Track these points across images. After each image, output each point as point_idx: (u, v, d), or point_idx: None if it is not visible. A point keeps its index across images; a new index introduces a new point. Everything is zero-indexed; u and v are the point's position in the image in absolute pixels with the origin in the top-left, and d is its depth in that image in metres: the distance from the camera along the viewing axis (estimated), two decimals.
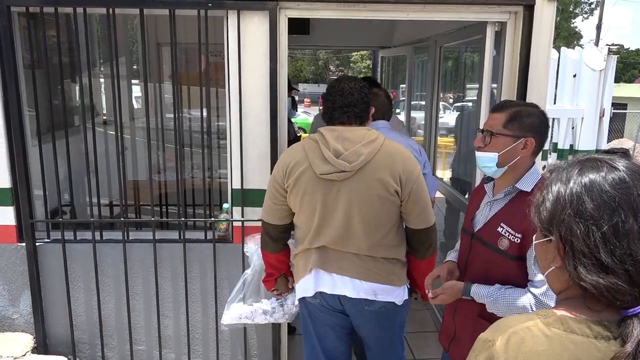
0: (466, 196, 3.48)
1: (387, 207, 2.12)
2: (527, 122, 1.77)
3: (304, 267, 2.25)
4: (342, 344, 2.37)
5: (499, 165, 1.79)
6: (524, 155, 1.78)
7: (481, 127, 1.90)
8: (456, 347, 1.96)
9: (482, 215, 1.89)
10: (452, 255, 2.11)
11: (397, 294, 2.22)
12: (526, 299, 1.70)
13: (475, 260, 1.88)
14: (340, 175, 2.07)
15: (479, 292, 1.79)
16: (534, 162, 1.85)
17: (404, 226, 2.26)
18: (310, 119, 12.14)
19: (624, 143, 13.01)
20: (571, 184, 0.89)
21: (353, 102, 2.15)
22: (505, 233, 1.76)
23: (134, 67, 4.67)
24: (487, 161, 1.80)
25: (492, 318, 1.67)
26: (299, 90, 5.84)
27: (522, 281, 1.75)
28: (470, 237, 1.91)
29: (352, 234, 2.13)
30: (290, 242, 2.45)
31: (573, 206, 0.87)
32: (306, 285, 2.26)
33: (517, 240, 1.73)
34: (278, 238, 2.34)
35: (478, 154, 1.83)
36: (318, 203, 2.13)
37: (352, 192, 2.09)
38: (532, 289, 1.71)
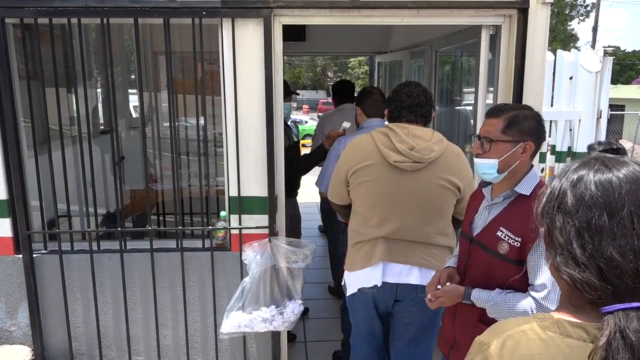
0: None
1: (449, 199, 2.35)
2: (525, 126, 1.76)
3: (365, 258, 2.38)
4: (383, 325, 2.57)
5: (499, 171, 1.78)
6: (523, 160, 1.77)
7: (477, 131, 1.89)
8: (456, 353, 1.94)
9: (481, 220, 1.88)
10: (451, 261, 2.09)
11: None
12: (527, 303, 1.69)
13: (475, 265, 1.86)
14: (413, 166, 2.27)
15: (480, 296, 1.77)
16: (532, 165, 1.84)
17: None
18: None
19: (623, 145, 13.02)
20: (564, 179, 0.92)
21: (420, 102, 2.38)
22: (505, 237, 1.74)
23: (132, 76, 4.68)
24: (487, 168, 1.78)
25: (492, 323, 1.65)
26: (298, 94, 5.85)
27: (522, 285, 1.73)
28: (469, 241, 1.90)
29: (419, 222, 2.32)
30: None
31: (558, 200, 0.90)
32: (368, 277, 2.37)
33: (517, 244, 1.71)
34: (347, 209, 2.55)
35: (477, 160, 1.81)
36: (386, 190, 2.31)
37: (421, 183, 2.30)
38: (532, 293, 1.70)
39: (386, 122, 2.56)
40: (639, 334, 0.77)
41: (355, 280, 2.43)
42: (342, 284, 2.57)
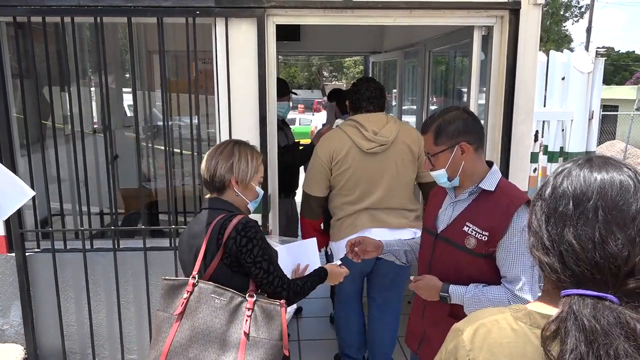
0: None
1: (412, 166, 2.83)
2: (451, 130, 1.83)
3: (350, 227, 2.78)
4: (362, 284, 3.05)
5: (450, 178, 1.87)
6: (468, 159, 1.83)
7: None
8: (427, 347, 1.96)
9: (446, 216, 1.93)
10: (398, 244, 2.22)
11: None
12: (504, 295, 1.74)
13: (442, 260, 1.90)
14: (382, 148, 2.73)
15: (457, 290, 1.81)
16: (492, 162, 1.90)
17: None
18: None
19: (616, 145, 13.11)
20: (554, 174, 0.96)
21: (377, 95, 2.83)
22: (472, 232, 1.79)
23: (126, 75, 4.67)
24: (440, 178, 1.89)
25: (462, 316, 1.68)
26: (296, 94, 5.82)
27: (493, 278, 1.79)
28: (433, 237, 1.94)
29: (393, 193, 2.78)
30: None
31: (542, 189, 0.96)
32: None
33: (484, 238, 1.76)
34: (318, 207, 2.93)
35: (432, 174, 1.93)
36: (364, 173, 2.75)
37: (390, 159, 2.76)
38: (507, 285, 1.75)
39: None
40: (591, 320, 0.80)
41: (341, 248, 2.68)
42: (329, 253, 2.96)
